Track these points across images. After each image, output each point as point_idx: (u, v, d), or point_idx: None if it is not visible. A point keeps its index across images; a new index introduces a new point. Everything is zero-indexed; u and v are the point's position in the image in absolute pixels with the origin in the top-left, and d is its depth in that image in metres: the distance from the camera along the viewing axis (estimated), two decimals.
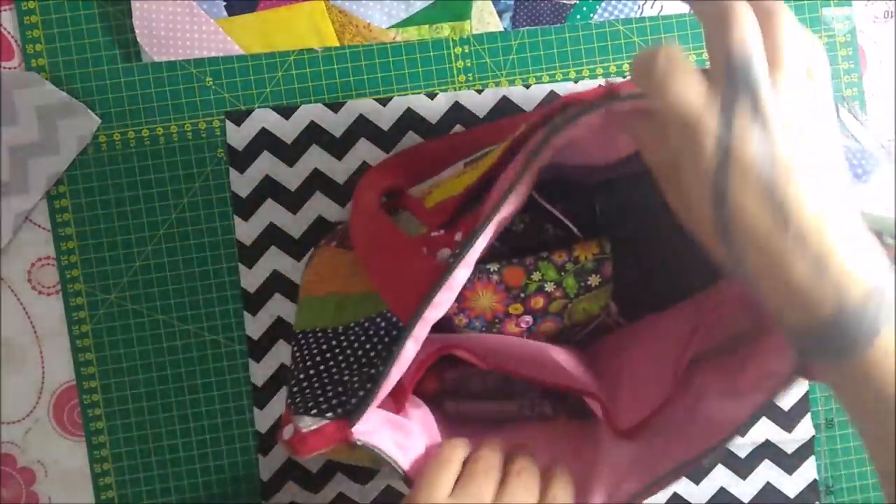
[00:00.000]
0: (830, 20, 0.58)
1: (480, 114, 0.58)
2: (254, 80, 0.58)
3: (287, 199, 0.58)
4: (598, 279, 0.50)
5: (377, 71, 0.58)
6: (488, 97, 0.58)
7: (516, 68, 0.59)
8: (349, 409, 0.42)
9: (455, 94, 0.58)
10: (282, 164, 0.58)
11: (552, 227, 0.52)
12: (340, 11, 0.57)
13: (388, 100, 0.58)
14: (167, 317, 0.58)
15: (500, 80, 0.58)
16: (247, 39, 0.57)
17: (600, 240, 0.51)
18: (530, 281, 0.50)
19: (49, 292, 0.58)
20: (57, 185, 0.57)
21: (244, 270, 0.58)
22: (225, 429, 0.59)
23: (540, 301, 0.51)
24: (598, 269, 0.50)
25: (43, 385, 0.58)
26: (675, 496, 0.59)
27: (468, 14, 0.58)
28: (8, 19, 0.57)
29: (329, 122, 0.58)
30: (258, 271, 0.58)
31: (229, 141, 0.58)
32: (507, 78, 0.58)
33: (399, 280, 0.44)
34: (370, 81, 0.58)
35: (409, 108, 0.58)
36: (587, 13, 0.58)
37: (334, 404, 0.42)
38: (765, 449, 0.59)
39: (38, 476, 0.58)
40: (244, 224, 0.58)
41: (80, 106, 0.56)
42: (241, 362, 0.58)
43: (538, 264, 0.50)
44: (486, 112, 0.58)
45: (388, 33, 0.58)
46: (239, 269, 0.58)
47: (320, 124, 0.58)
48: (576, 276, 0.50)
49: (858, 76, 0.58)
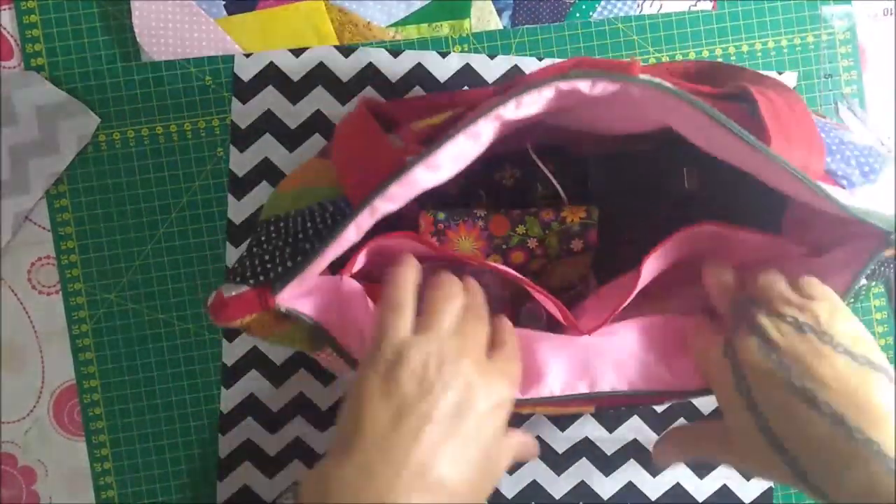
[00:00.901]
0: (830, 17, 0.58)
1: (490, 79, 0.58)
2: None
3: (285, 136, 0.58)
4: (582, 244, 0.50)
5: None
6: (500, 63, 0.58)
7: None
8: (272, 277, 0.41)
9: (467, 55, 0.58)
10: (285, 100, 0.58)
11: (542, 187, 0.53)
12: (340, 10, 0.57)
13: (400, 52, 0.58)
14: (167, 316, 0.58)
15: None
16: (246, 39, 0.57)
17: (589, 206, 0.51)
18: (514, 233, 0.50)
19: (49, 292, 0.58)
20: (57, 184, 0.57)
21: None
22: None
23: (520, 256, 0.51)
24: (583, 235, 0.50)
25: (43, 384, 0.58)
26: (630, 485, 0.59)
27: (467, 12, 0.58)
28: (7, 19, 0.57)
29: (338, 65, 0.57)
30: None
31: (236, 70, 0.57)
32: None
33: (362, 168, 0.43)
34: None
35: (419, 63, 0.58)
36: (586, 11, 0.58)
37: (259, 272, 0.42)
38: None
39: (38, 475, 0.58)
40: (240, 156, 0.57)
41: (79, 105, 0.57)
42: None
43: (525, 218, 0.50)
44: (496, 79, 0.58)
45: (388, 32, 0.58)
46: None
47: (329, 66, 0.58)
48: (560, 236, 0.50)
49: (858, 74, 0.58)
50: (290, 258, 0.42)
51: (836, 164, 0.43)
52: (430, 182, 0.42)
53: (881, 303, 0.60)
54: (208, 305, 0.41)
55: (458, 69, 0.58)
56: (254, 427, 0.58)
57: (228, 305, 0.41)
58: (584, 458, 0.59)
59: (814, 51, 0.58)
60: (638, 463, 0.59)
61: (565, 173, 0.53)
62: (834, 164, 0.43)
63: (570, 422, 0.59)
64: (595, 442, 0.59)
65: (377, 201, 0.41)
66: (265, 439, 0.58)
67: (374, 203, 0.41)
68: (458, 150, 0.42)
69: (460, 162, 0.43)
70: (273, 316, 0.43)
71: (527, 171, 0.53)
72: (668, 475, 0.59)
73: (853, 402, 0.36)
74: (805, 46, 0.58)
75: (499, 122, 0.41)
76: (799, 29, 0.58)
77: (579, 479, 0.59)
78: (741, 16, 0.58)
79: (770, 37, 0.58)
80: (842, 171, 0.42)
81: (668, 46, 0.58)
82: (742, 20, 0.58)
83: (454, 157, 0.42)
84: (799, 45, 0.58)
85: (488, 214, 0.50)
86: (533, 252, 0.51)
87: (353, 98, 0.58)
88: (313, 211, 0.45)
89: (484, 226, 0.50)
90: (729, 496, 0.59)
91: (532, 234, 0.51)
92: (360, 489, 0.36)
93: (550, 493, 0.59)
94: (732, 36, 0.58)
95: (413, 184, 0.41)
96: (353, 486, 0.36)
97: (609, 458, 0.59)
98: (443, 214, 0.50)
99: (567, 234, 0.51)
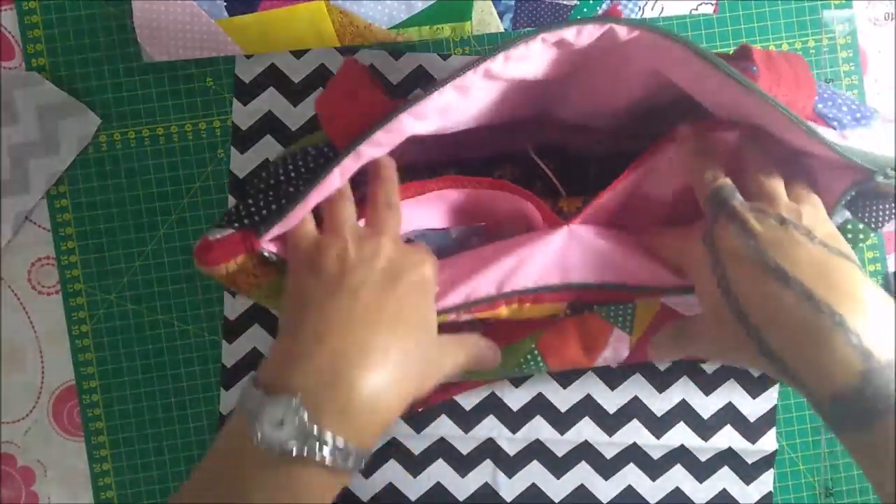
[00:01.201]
0: (831, 21, 0.58)
1: None
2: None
3: (286, 138, 0.58)
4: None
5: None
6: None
7: None
8: (257, 220, 0.42)
9: (468, 58, 0.58)
10: (286, 101, 0.57)
11: (541, 184, 0.53)
12: (341, 12, 0.57)
13: (400, 54, 0.58)
14: (167, 317, 0.58)
15: None
16: (247, 39, 0.57)
17: (586, 196, 0.51)
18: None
19: (49, 292, 0.58)
20: (57, 184, 0.57)
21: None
22: None
23: None
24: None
25: (42, 385, 0.58)
26: (630, 489, 0.59)
27: (469, 15, 0.58)
28: (8, 19, 0.57)
29: (338, 66, 0.57)
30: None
31: (237, 72, 0.57)
32: None
33: (348, 114, 0.43)
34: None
35: (420, 65, 0.58)
36: (588, 14, 0.58)
37: (243, 216, 0.42)
38: (726, 456, 0.59)
39: (37, 476, 0.58)
40: (241, 157, 0.57)
41: (80, 106, 0.56)
42: None
43: None
44: None
45: (389, 34, 0.58)
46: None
47: (330, 68, 0.58)
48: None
49: (859, 78, 0.58)
50: (275, 201, 0.42)
51: (828, 108, 0.44)
52: (416, 129, 0.42)
53: None
54: (193, 250, 0.42)
55: None
56: None
57: (213, 248, 0.41)
58: (583, 462, 0.59)
59: (815, 55, 0.58)
60: (637, 466, 0.59)
61: (565, 172, 0.53)
62: (825, 108, 0.44)
63: (570, 425, 0.59)
64: (595, 445, 0.59)
65: (363, 146, 0.41)
66: None
67: (359, 148, 0.41)
68: (445, 102, 0.42)
69: (448, 116, 0.43)
70: (258, 262, 0.43)
71: (526, 170, 0.53)
72: (668, 479, 0.59)
73: (824, 282, 0.38)
74: (806, 51, 0.58)
75: (489, 77, 0.41)
76: (800, 33, 0.58)
77: (579, 483, 0.59)
78: (742, 20, 0.58)
79: (771, 41, 0.58)
80: (832, 114, 0.44)
81: None
82: (743, 24, 0.58)
83: (441, 108, 0.42)
84: (800, 50, 0.58)
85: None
86: None
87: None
88: (295, 155, 0.45)
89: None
90: (728, 500, 0.59)
91: None
92: (314, 353, 0.38)
93: (550, 496, 0.59)
94: (733, 40, 0.58)
95: (399, 131, 0.42)
96: (307, 352, 0.38)
97: (609, 461, 0.59)
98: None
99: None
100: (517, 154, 0.52)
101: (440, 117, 0.43)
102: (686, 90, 0.44)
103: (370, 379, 0.38)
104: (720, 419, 0.59)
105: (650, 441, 0.59)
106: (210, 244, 0.41)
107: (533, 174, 0.53)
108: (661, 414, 0.59)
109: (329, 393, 0.37)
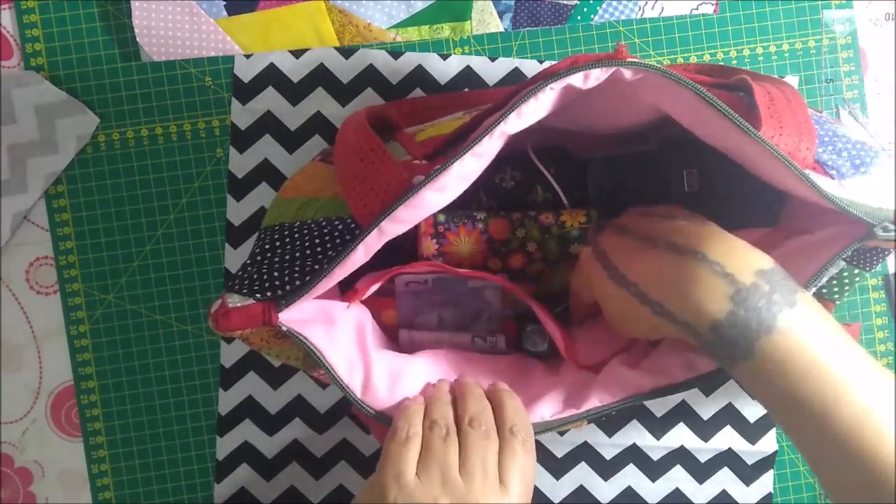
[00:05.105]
0: (832, 22, 0.58)
1: (490, 81, 0.58)
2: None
3: (285, 138, 0.58)
4: (581, 249, 0.50)
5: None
6: (500, 66, 0.58)
7: None
8: (280, 294, 0.41)
9: (468, 57, 0.58)
10: (285, 101, 0.57)
11: (542, 189, 0.52)
12: (340, 12, 0.57)
13: (400, 54, 0.58)
14: (165, 317, 0.58)
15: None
16: (246, 39, 0.57)
17: (589, 210, 0.51)
18: (514, 236, 0.50)
19: (47, 292, 0.58)
20: (55, 184, 0.57)
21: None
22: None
23: (519, 260, 0.51)
24: (582, 239, 0.50)
25: (41, 385, 0.58)
26: (629, 490, 0.59)
27: (468, 15, 0.58)
28: (7, 18, 0.57)
29: (338, 66, 0.57)
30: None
31: (236, 71, 0.57)
32: None
33: (368, 189, 0.43)
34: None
35: (420, 65, 0.58)
36: (588, 14, 0.58)
37: (266, 287, 0.42)
38: (726, 457, 0.59)
39: (35, 476, 0.58)
40: (240, 157, 0.57)
41: (79, 105, 0.56)
42: None
43: (524, 221, 0.50)
44: (496, 81, 0.58)
45: (388, 34, 0.58)
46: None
47: (329, 68, 0.57)
48: (559, 240, 0.50)
49: (859, 78, 0.58)
50: (300, 276, 0.42)
51: (828, 154, 0.43)
52: (438, 203, 0.42)
53: (881, 308, 0.59)
54: (211, 313, 0.41)
55: (458, 71, 0.58)
56: (252, 429, 0.58)
57: (231, 316, 0.41)
58: (583, 463, 0.59)
59: (815, 55, 0.58)
60: (637, 467, 0.59)
61: (565, 174, 0.53)
62: (826, 154, 0.43)
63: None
64: (594, 446, 0.59)
65: (385, 223, 0.41)
66: (263, 441, 0.58)
67: (381, 225, 0.41)
68: (465, 171, 0.42)
69: (466, 180, 0.43)
70: (273, 332, 0.42)
71: (527, 173, 0.53)
72: (668, 479, 0.59)
73: (683, 234, 0.43)
74: (806, 51, 0.58)
75: (503, 137, 0.42)
76: (800, 33, 0.58)
77: (578, 484, 0.59)
78: (742, 20, 0.58)
79: (771, 41, 0.58)
80: (832, 161, 0.43)
81: (670, 50, 0.58)
82: (743, 24, 0.58)
83: (461, 176, 0.42)
84: (800, 50, 0.58)
85: (488, 217, 0.50)
86: (532, 256, 0.51)
87: (353, 100, 0.58)
88: (322, 226, 0.44)
89: (484, 228, 0.50)
90: (728, 501, 0.59)
91: (531, 238, 0.50)
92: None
93: (550, 497, 0.59)
94: (734, 39, 0.58)
95: (422, 206, 0.42)
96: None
97: (608, 462, 0.59)
98: (443, 216, 0.50)
99: (566, 239, 0.51)
100: (517, 154, 0.52)
101: (459, 183, 0.43)
102: (686, 127, 0.44)
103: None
104: (720, 420, 0.59)
105: (650, 442, 0.59)
106: (229, 312, 0.41)
107: (534, 178, 0.52)
108: (660, 415, 0.59)
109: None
